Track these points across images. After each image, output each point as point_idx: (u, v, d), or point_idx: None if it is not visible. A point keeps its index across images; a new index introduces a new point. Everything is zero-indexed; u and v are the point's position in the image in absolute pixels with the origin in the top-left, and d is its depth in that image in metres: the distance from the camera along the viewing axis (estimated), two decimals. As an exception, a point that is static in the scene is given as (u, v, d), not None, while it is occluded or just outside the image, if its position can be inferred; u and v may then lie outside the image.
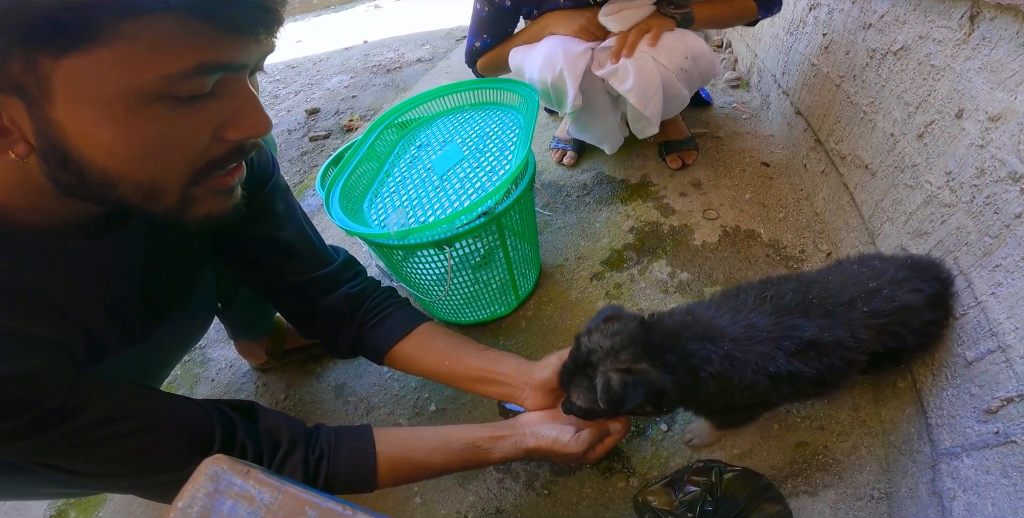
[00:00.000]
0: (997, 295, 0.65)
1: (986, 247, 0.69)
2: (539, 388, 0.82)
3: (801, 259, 1.25)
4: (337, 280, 0.91)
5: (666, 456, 0.95)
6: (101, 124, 0.42)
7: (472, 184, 1.05)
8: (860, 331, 0.70)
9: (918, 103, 0.90)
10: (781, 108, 1.66)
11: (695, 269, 1.28)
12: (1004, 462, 0.62)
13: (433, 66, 3.08)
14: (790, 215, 1.37)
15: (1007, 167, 0.67)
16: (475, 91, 1.35)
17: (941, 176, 0.81)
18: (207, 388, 1.30)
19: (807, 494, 0.86)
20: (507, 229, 1.07)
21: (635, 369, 0.64)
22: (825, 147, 1.30)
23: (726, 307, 0.73)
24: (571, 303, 1.27)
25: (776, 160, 1.56)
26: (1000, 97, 0.70)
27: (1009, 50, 0.68)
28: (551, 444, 0.75)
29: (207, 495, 0.38)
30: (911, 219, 0.90)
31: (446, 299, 1.16)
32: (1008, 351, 0.62)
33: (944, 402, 0.74)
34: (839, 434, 0.92)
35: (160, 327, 0.75)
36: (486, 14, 1.38)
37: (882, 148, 1.01)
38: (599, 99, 1.39)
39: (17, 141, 0.42)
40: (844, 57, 1.21)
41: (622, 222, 1.47)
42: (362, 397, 1.16)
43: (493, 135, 1.20)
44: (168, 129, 0.45)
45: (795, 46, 1.55)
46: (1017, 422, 0.60)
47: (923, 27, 0.89)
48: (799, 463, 0.90)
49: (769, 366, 0.67)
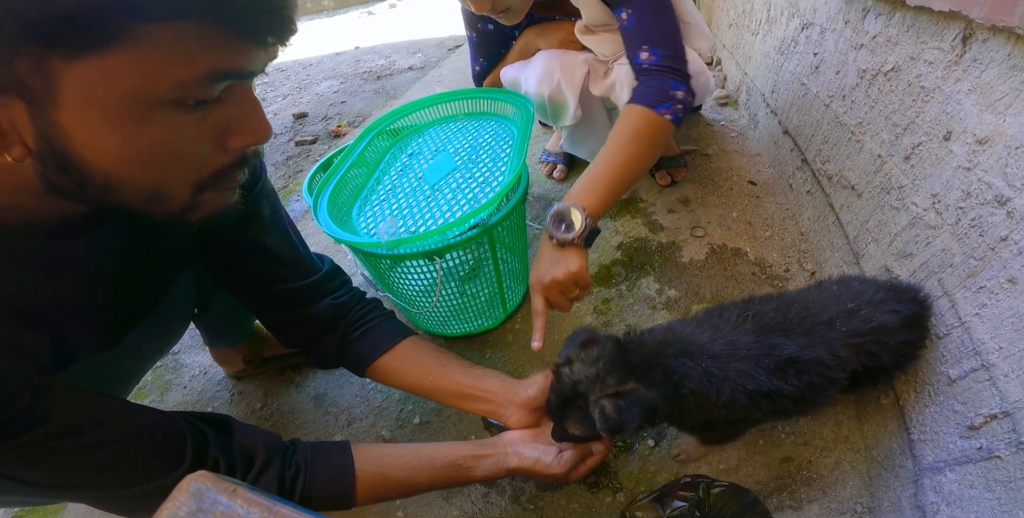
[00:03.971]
0: (981, 316, 0.66)
1: (971, 269, 0.70)
2: (523, 406, 0.81)
3: (786, 278, 1.26)
4: (321, 290, 0.89)
5: (653, 471, 0.94)
6: (108, 129, 0.41)
7: (464, 195, 1.04)
8: (839, 350, 0.71)
9: (906, 124, 0.91)
10: (769, 127, 1.69)
11: (683, 286, 1.29)
12: (987, 476, 0.63)
13: (424, 75, 3.09)
14: (776, 234, 1.39)
15: (993, 190, 0.68)
16: (469, 100, 1.35)
17: (927, 198, 0.83)
18: (179, 395, 1.26)
19: (792, 509, 0.87)
20: (498, 242, 1.06)
21: (624, 391, 0.64)
22: (812, 167, 1.32)
23: (707, 325, 0.73)
24: (558, 318, 1.26)
25: (763, 179, 1.58)
26: (988, 119, 0.71)
27: (1000, 72, 0.69)
28: (533, 464, 0.75)
29: (189, 514, 0.35)
30: (896, 240, 0.91)
31: (433, 311, 1.14)
32: (992, 370, 0.63)
33: (927, 418, 0.75)
34: (823, 450, 0.93)
35: (133, 332, 0.73)
36: (476, 39, 1.42)
37: (869, 169, 1.03)
38: (595, 112, 1.41)
39: (14, 144, 0.41)
40: (834, 77, 1.22)
41: (611, 238, 1.47)
42: (343, 408, 1.14)
43: (486, 146, 1.20)
44: (174, 135, 0.45)
45: (785, 65, 1.57)
46: (1000, 438, 0.61)
47: (915, 48, 0.90)
48: (784, 478, 0.90)
49: (748, 384, 0.68)
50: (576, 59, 1.27)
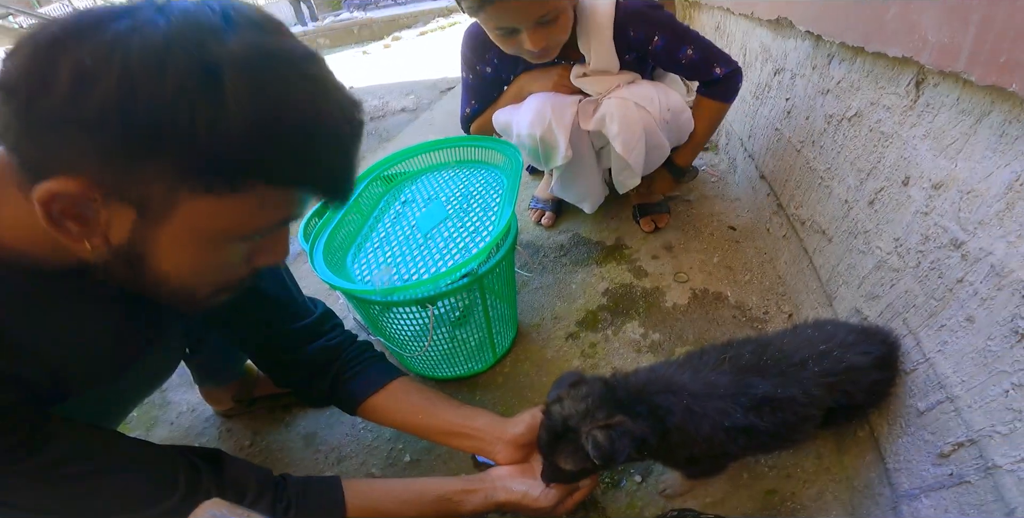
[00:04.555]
0: (943, 352, 0.70)
1: (932, 309, 0.74)
2: (511, 443, 0.83)
3: (765, 320, 1.30)
4: (315, 332, 0.92)
5: (640, 506, 0.94)
6: (191, 248, 0.50)
7: (456, 244, 1.09)
8: (812, 389, 0.75)
9: (869, 169, 0.96)
10: (747, 172, 1.77)
11: (666, 330, 1.32)
12: (960, 501, 0.65)
13: (416, 117, 3.19)
14: (755, 278, 1.44)
15: (949, 234, 0.72)
16: (460, 148, 1.42)
17: (890, 242, 0.88)
18: (165, 431, 1.25)
19: None
20: (487, 290, 1.09)
21: (614, 423, 0.66)
22: (786, 212, 1.38)
23: (687, 366, 0.77)
24: (547, 361, 1.29)
25: (742, 224, 1.65)
26: (942, 164, 0.75)
27: (950, 117, 0.73)
28: (521, 498, 0.76)
29: None
30: (864, 283, 0.96)
31: (424, 355, 1.16)
32: (956, 401, 0.66)
33: (900, 448, 0.78)
34: (805, 481, 0.94)
35: (129, 370, 0.74)
36: (471, 82, 1.48)
37: (837, 214, 1.08)
38: (585, 153, 1.46)
39: (97, 236, 0.46)
40: (804, 122, 1.28)
41: (597, 284, 1.51)
42: (333, 446, 1.13)
43: (477, 194, 1.26)
44: (230, 258, 0.55)
45: (760, 110, 1.64)
46: (969, 464, 0.64)
47: (874, 93, 0.95)
48: (769, 510, 0.91)
49: (725, 420, 0.71)
50: (566, 100, 1.34)
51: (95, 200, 0.44)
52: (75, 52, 0.39)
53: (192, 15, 0.42)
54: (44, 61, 0.40)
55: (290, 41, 0.47)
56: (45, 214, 0.43)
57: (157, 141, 0.41)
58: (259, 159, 0.45)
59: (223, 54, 0.41)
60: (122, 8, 0.42)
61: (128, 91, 0.39)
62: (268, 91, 0.43)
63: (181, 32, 0.41)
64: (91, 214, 0.45)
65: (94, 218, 0.45)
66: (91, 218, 0.45)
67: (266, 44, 0.44)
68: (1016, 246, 0.61)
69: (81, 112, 0.40)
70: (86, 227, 0.45)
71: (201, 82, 0.40)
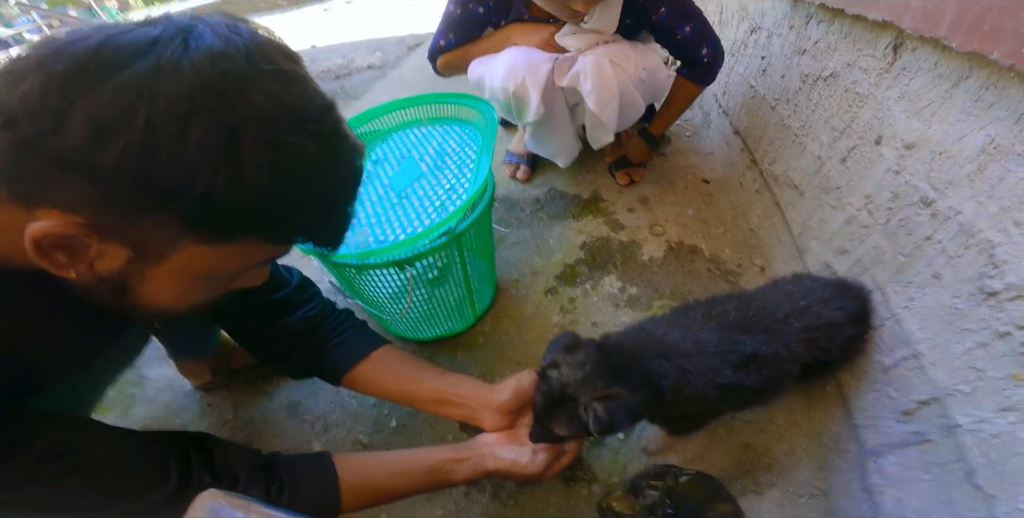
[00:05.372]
0: (910, 308, 0.74)
1: (900, 265, 0.77)
2: (497, 410, 0.84)
3: (739, 273, 1.34)
4: (292, 303, 0.90)
5: (624, 462, 0.99)
6: (179, 285, 0.52)
7: (432, 202, 1.06)
8: (793, 345, 0.77)
9: (843, 128, 0.97)
10: (721, 127, 1.77)
11: (643, 284, 1.35)
12: (924, 459, 0.69)
13: (385, 74, 3.05)
14: (728, 231, 1.46)
15: (919, 192, 0.74)
16: (433, 105, 1.37)
17: (861, 199, 0.90)
18: (144, 409, 1.23)
19: (754, 493, 0.93)
20: (465, 246, 1.08)
21: (613, 394, 0.68)
22: (760, 167, 1.40)
23: (675, 324, 0.78)
24: (527, 318, 1.30)
25: (716, 177, 1.66)
26: (915, 126, 0.77)
27: (927, 81, 0.75)
28: (510, 466, 0.78)
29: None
30: (835, 238, 0.98)
31: (404, 316, 1.16)
32: (921, 358, 0.70)
33: (867, 405, 0.82)
34: (778, 436, 1.00)
35: (99, 358, 0.73)
36: (457, 17, 1.40)
37: (810, 170, 1.10)
38: (558, 109, 1.44)
39: (82, 265, 0.46)
40: (780, 80, 1.29)
41: (574, 237, 1.52)
42: (318, 415, 1.14)
43: (452, 151, 1.22)
44: (212, 289, 0.57)
45: (736, 67, 1.64)
46: (932, 422, 0.68)
47: (851, 55, 0.95)
48: (745, 464, 0.97)
49: (717, 378, 0.73)
50: (541, 56, 1.31)
51: (90, 239, 0.44)
52: (95, 96, 0.38)
53: (217, 57, 0.42)
54: (58, 100, 0.38)
55: (309, 90, 0.48)
56: (34, 246, 0.42)
57: (169, 198, 0.42)
58: (263, 219, 0.47)
59: (245, 112, 0.42)
60: (144, 40, 0.41)
61: (149, 149, 0.39)
62: (283, 157, 0.44)
63: (206, 83, 0.40)
64: (82, 248, 0.44)
65: (84, 252, 0.45)
66: (81, 252, 0.44)
67: (285, 99, 0.45)
68: (985, 206, 0.63)
69: (94, 162, 0.39)
70: (74, 259, 0.45)
71: (222, 145, 0.41)
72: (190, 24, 0.43)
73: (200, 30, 0.43)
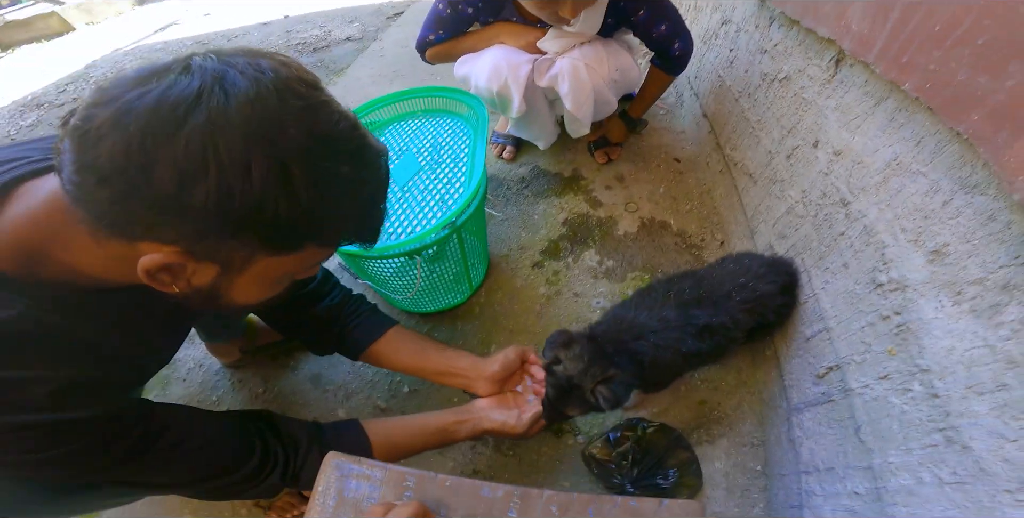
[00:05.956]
0: (825, 290, 0.91)
1: (821, 253, 0.94)
2: (489, 379, 1.00)
3: (701, 247, 1.51)
4: (319, 294, 1.05)
5: (603, 417, 1.18)
6: (257, 287, 0.62)
7: (432, 196, 1.20)
8: (737, 315, 0.94)
9: (790, 128, 1.09)
10: (692, 108, 1.88)
11: (619, 257, 1.51)
12: (828, 416, 0.87)
13: (365, 47, 3.04)
14: (694, 207, 1.62)
15: (840, 194, 0.89)
16: (426, 98, 1.47)
17: (799, 193, 1.05)
18: (180, 388, 1.35)
19: (708, 442, 1.12)
20: (464, 230, 1.21)
21: (610, 376, 0.84)
22: (723, 151, 1.54)
23: (642, 306, 0.95)
24: (517, 290, 1.47)
25: (685, 156, 1.80)
26: (844, 136, 0.88)
27: (857, 96, 0.85)
28: (501, 426, 0.95)
29: (337, 479, 0.55)
30: (777, 223, 1.14)
31: (408, 291, 1.31)
32: (830, 332, 0.88)
33: (793, 368, 1.01)
34: (728, 393, 1.19)
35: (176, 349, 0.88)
36: (446, 15, 1.45)
37: (762, 161, 1.24)
38: (539, 104, 1.55)
39: (182, 282, 0.56)
40: (743, 75, 1.38)
41: (557, 214, 1.67)
42: (339, 385, 1.30)
43: (446, 145, 1.34)
44: (282, 287, 0.67)
45: (707, 55, 1.74)
46: (835, 385, 0.85)
47: (803, 62, 1.04)
48: (701, 418, 1.16)
49: (682, 347, 0.91)
50: (522, 57, 1.39)
51: (187, 262, 0.53)
52: (170, 152, 0.46)
53: (255, 101, 0.48)
54: (142, 157, 0.46)
55: (335, 115, 0.55)
56: (145, 273, 0.53)
57: (247, 226, 0.51)
58: (318, 231, 0.57)
59: (289, 148, 0.50)
60: (190, 94, 0.47)
61: (225, 191, 0.47)
62: (325, 180, 0.53)
63: (255, 130, 0.48)
64: (181, 270, 0.55)
65: (182, 272, 0.55)
66: (180, 272, 0.55)
67: (316, 129, 0.52)
68: (884, 213, 0.78)
69: (185, 205, 0.47)
70: (176, 278, 0.56)
71: (278, 179, 0.49)
72: (221, 70, 0.49)
73: (232, 76, 0.49)
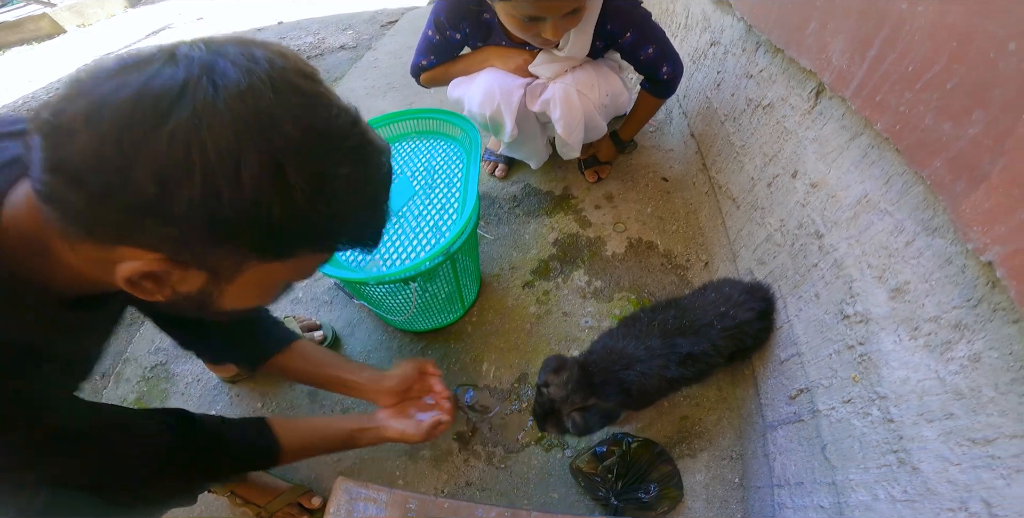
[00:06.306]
0: (799, 317, 0.96)
1: (796, 282, 0.99)
2: (387, 392, 1.05)
3: (687, 267, 1.56)
4: None
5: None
6: (245, 295, 0.60)
7: (426, 222, 1.24)
8: (718, 341, 1.00)
9: (772, 156, 1.12)
10: (680, 127, 1.93)
11: (607, 277, 1.56)
12: (799, 434, 0.92)
13: (359, 56, 3.08)
14: (680, 227, 1.68)
15: (815, 226, 0.93)
16: (419, 120, 1.51)
17: (777, 221, 1.09)
18: (179, 401, 1.36)
19: (689, 456, 1.17)
20: (457, 254, 1.26)
21: (588, 405, 0.91)
22: (708, 173, 1.58)
23: (629, 336, 1.00)
24: (508, 309, 1.51)
25: (673, 175, 1.86)
26: (820, 168, 0.91)
27: (834, 129, 0.86)
28: (400, 435, 0.98)
29: (347, 501, 0.60)
30: (757, 250, 1.19)
31: (403, 313, 1.35)
32: (802, 357, 0.93)
33: (769, 388, 1.06)
34: (709, 409, 1.24)
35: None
36: (436, 42, 1.49)
37: (745, 187, 1.28)
38: (530, 128, 1.60)
39: (167, 289, 0.54)
40: (730, 98, 1.41)
41: (548, 234, 1.71)
42: (335, 400, 1.34)
43: (440, 168, 1.38)
44: (274, 293, 0.65)
45: (696, 75, 1.77)
46: (805, 406, 0.91)
47: (786, 90, 1.06)
48: (683, 432, 1.21)
49: (666, 373, 0.96)
50: (514, 82, 1.44)
51: (172, 270, 0.50)
52: (150, 151, 0.41)
53: (246, 94, 0.44)
54: (117, 157, 0.41)
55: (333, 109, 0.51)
56: (126, 281, 0.51)
57: (236, 231, 0.47)
58: (313, 235, 0.53)
59: (282, 145, 0.45)
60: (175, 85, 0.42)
61: (212, 194, 0.43)
62: (323, 180, 0.49)
63: (246, 125, 0.43)
64: (165, 277, 0.51)
65: (167, 279, 0.51)
66: (165, 280, 0.51)
67: (314, 125, 0.48)
68: (853, 248, 0.82)
69: (167, 210, 0.43)
70: (160, 286, 0.54)
71: (272, 180, 0.45)
72: (211, 60, 0.44)
73: (222, 66, 0.44)
